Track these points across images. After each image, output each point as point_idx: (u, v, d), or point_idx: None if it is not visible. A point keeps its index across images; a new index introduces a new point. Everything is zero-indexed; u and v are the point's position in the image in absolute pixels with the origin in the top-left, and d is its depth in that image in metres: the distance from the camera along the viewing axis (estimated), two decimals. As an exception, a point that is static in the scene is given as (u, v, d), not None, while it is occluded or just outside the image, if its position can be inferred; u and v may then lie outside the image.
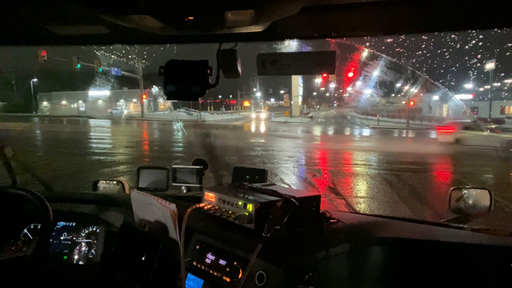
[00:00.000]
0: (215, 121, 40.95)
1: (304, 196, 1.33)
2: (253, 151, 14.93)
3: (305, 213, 1.28)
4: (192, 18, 0.91)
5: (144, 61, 36.81)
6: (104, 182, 2.43)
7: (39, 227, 1.91)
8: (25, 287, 1.66)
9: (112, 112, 47.93)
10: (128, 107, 55.61)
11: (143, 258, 1.49)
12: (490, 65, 36.42)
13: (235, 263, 1.27)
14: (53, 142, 18.29)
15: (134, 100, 53.50)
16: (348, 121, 43.14)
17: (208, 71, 1.19)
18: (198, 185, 1.95)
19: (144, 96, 43.67)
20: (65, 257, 1.85)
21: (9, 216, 1.91)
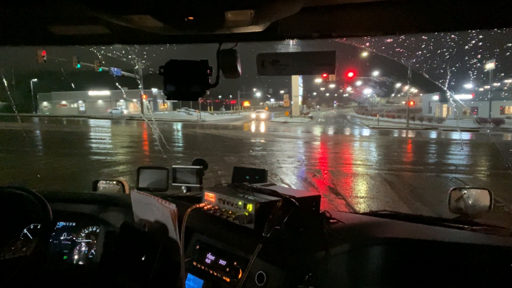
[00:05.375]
0: (215, 121, 40.99)
1: (304, 196, 1.33)
2: (253, 151, 14.94)
3: (305, 213, 1.28)
4: (192, 18, 0.91)
5: (143, 61, 36.81)
6: (104, 182, 2.43)
7: (39, 227, 1.91)
8: (25, 287, 1.66)
9: (112, 112, 47.98)
10: (128, 107, 55.67)
11: (143, 258, 1.49)
12: (490, 65, 36.43)
13: (235, 263, 1.27)
14: (53, 142, 18.30)
15: (134, 100, 53.53)
16: (348, 121, 43.17)
17: (208, 71, 1.19)
18: (198, 185, 1.95)
19: (144, 96, 43.67)
20: (65, 257, 1.85)
21: (9, 216, 1.91)
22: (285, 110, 47.27)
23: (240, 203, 1.29)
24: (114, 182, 2.41)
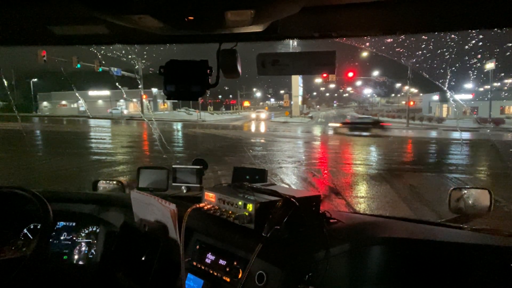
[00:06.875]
0: (215, 121, 40.99)
1: (304, 196, 1.33)
2: (253, 151, 14.93)
3: (305, 213, 1.28)
4: (192, 18, 0.91)
5: (144, 61, 36.85)
6: (104, 182, 2.42)
7: (39, 227, 1.91)
8: (25, 287, 1.66)
9: (112, 112, 47.97)
10: (128, 107, 55.67)
11: (143, 258, 1.49)
12: (490, 65, 36.43)
13: (235, 263, 1.27)
14: (53, 142, 18.30)
15: (134, 100, 53.54)
16: (348, 121, 43.07)
17: (208, 71, 1.19)
18: (198, 185, 1.95)
19: (144, 96, 43.69)
20: (65, 257, 1.85)
21: (9, 216, 1.91)
22: (285, 110, 47.23)
23: (240, 203, 1.29)
24: (114, 182, 2.41)
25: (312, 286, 1.11)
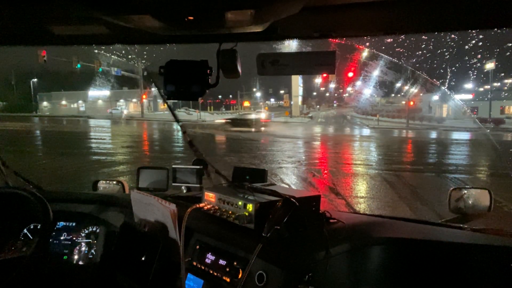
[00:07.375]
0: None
1: (304, 196, 1.33)
2: (253, 150, 14.93)
3: (305, 213, 1.28)
4: (192, 18, 0.91)
5: (144, 61, 36.85)
6: (104, 182, 2.43)
7: (39, 227, 1.91)
8: (25, 287, 1.66)
9: (112, 112, 47.93)
10: (128, 107, 55.64)
11: (143, 258, 1.49)
12: (490, 65, 36.47)
13: (235, 263, 1.27)
14: (53, 142, 18.29)
15: (134, 100, 53.54)
16: (348, 121, 43.11)
17: (208, 71, 1.19)
18: (198, 185, 1.95)
19: (144, 96, 43.70)
20: (65, 257, 1.85)
21: (9, 216, 1.91)
22: (285, 110, 47.20)
23: (240, 203, 1.29)
24: (114, 182, 2.41)
25: (312, 286, 1.11)
